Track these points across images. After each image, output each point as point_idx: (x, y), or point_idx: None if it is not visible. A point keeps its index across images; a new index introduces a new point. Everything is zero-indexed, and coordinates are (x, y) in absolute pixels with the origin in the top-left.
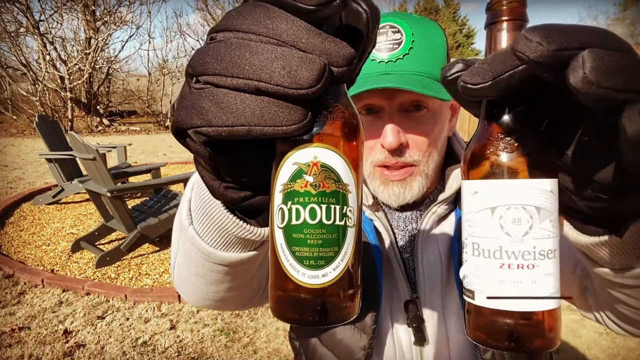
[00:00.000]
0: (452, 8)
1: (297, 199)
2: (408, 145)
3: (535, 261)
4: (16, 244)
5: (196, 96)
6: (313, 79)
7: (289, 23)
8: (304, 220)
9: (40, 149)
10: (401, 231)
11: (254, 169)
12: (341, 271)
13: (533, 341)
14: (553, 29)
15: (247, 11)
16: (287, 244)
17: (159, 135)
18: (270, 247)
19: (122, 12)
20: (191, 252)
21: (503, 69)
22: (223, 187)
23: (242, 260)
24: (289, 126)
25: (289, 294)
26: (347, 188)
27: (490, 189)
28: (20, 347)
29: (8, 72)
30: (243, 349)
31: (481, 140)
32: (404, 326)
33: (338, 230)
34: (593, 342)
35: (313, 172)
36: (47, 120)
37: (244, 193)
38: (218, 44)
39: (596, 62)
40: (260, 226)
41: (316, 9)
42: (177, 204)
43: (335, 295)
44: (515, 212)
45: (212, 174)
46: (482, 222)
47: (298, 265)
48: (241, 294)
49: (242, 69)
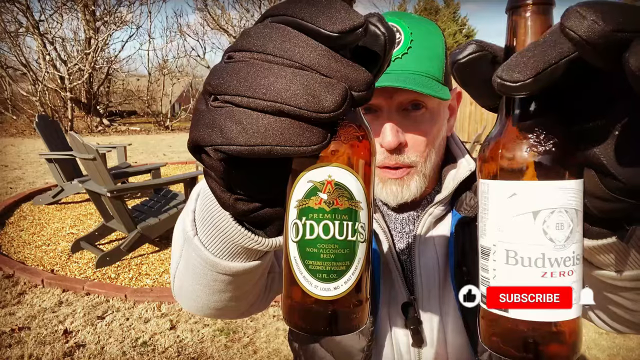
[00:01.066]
0: (452, 8)
1: (312, 215)
2: (407, 145)
3: (573, 267)
4: (16, 244)
5: (216, 114)
6: (336, 104)
7: (309, 47)
8: (318, 236)
9: (40, 149)
10: (398, 233)
11: (265, 183)
12: (352, 284)
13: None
14: (610, 6)
15: (266, 32)
16: (301, 258)
17: (159, 135)
18: (284, 259)
19: (122, 12)
20: (195, 262)
21: (545, 63)
22: (233, 199)
23: (246, 269)
24: (309, 147)
25: (302, 304)
26: (359, 205)
27: (531, 191)
28: (20, 347)
29: (8, 72)
30: (243, 349)
31: (516, 138)
32: (402, 328)
33: (350, 245)
34: (593, 342)
35: (327, 190)
36: (47, 120)
37: (254, 205)
38: (239, 64)
39: None
40: (267, 237)
41: (339, 36)
42: (177, 204)
43: (345, 307)
44: (559, 216)
45: (223, 187)
46: (522, 228)
47: (311, 277)
48: (241, 303)
49: (266, 90)
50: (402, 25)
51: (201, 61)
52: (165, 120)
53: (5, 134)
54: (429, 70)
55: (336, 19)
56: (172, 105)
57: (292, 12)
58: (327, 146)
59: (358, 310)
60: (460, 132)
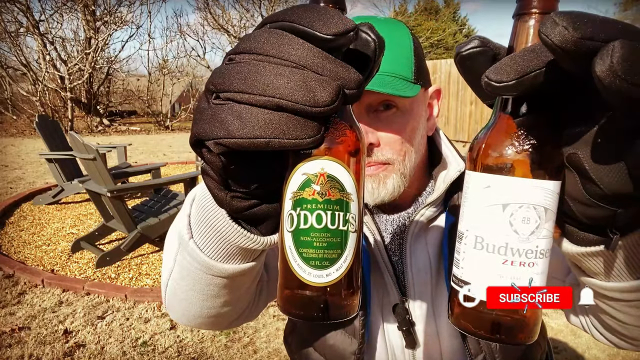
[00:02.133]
0: (452, 8)
1: (305, 205)
2: (379, 144)
3: (535, 260)
4: (16, 244)
5: (217, 110)
6: (330, 99)
7: (305, 48)
8: (311, 225)
9: (40, 149)
10: (389, 234)
11: (261, 179)
12: (343, 272)
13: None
14: (584, 17)
15: (265, 36)
16: (295, 246)
17: (159, 135)
18: (280, 250)
19: (122, 12)
20: (190, 266)
21: (529, 68)
22: (230, 196)
23: (241, 271)
24: (305, 139)
25: (296, 291)
26: (350, 197)
27: (504, 185)
28: (20, 347)
29: (8, 72)
30: (243, 349)
31: (499, 135)
32: (395, 330)
33: (341, 234)
34: (593, 342)
35: (320, 182)
36: (47, 120)
37: (250, 202)
38: (240, 64)
39: (626, 54)
40: (262, 235)
41: (332, 38)
42: (177, 204)
43: (337, 294)
44: (527, 212)
45: (220, 184)
46: (491, 217)
47: (305, 265)
48: (233, 309)
49: (265, 87)
50: None
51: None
52: (165, 120)
53: (5, 134)
54: (395, 70)
55: (330, 23)
56: (172, 105)
57: (289, 18)
58: (321, 139)
59: (349, 298)
60: (460, 132)
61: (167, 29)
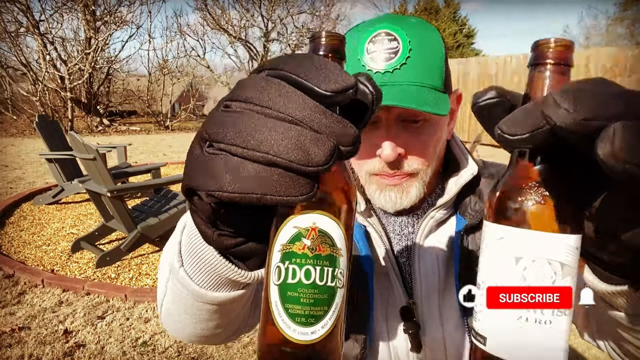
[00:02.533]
0: (452, 8)
1: (295, 259)
2: (406, 156)
3: (552, 317)
4: (16, 244)
5: (210, 161)
6: (325, 158)
7: (302, 103)
8: (299, 280)
9: (40, 149)
10: (397, 235)
11: (249, 222)
12: (328, 329)
13: None
14: (585, 94)
15: (262, 85)
16: (282, 301)
17: (159, 135)
18: (264, 300)
19: (122, 12)
20: (182, 292)
21: (542, 122)
22: (217, 234)
23: (231, 299)
24: (297, 197)
25: (278, 347)
26: (339, 252)
27: (517, 238)
28: (20, 347)
29: (8, 72)
30: (243, 349)
31: (513, 187)
32: (401, 332)
33: (329, 291)
34: None
35: (311, 237)
36: (47, 120)
37: (237, 240)
38: (235, 115)
39: (627, 137)
40: (249, 270)
41: (331, 95)
42: (177, 204)
43: (320, 351)
44: (541, 267)
45: (207, 222)
46: (504, 270)
47: (290, 321)
48: (226, 330)
49: (260, 143)
50: (400, 34)
51: (201, 61)
52: (165, 120)
53: (5, 134)
54: (427, 80)
55: (329, 79)
56: (172, 105)
57: (288, 68)
58: (314, 197)
59: (332, 354)
60: (461, 132)
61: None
